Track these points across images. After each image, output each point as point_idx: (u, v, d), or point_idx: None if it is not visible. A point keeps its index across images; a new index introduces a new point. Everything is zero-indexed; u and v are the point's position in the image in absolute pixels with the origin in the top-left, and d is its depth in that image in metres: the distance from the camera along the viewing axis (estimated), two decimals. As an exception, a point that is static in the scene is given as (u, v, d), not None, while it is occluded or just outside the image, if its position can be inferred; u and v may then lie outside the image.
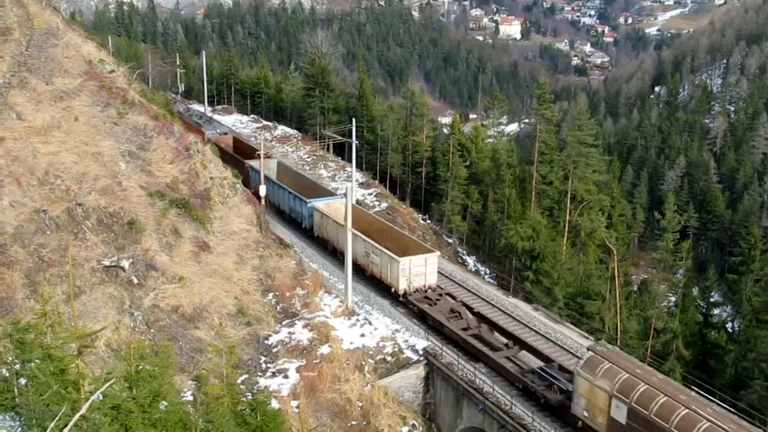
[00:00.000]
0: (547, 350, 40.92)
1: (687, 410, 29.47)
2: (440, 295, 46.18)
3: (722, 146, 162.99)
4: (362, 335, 42.36)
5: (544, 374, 37.58)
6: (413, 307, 45.65)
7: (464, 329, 42.58)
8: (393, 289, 46.79)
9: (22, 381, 12.90)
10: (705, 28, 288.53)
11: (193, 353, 35.03)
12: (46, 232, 34.94)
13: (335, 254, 52.84)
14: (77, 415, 10.17)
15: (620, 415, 31.77)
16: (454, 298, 46.39)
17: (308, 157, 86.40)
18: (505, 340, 41.80)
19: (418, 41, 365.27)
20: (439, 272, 48.39)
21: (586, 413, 33.62)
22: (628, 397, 31.49)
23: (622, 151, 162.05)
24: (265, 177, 54.51)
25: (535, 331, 44.28)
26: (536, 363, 39.17)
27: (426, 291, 46.10)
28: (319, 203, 55.67)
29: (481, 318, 44.13)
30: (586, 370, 33.64)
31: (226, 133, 79.62)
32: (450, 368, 39.99)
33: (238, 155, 68.03)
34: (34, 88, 43.55)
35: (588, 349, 35.54)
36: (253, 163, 61.31)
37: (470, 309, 45.10)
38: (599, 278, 58.28)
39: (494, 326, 43.41)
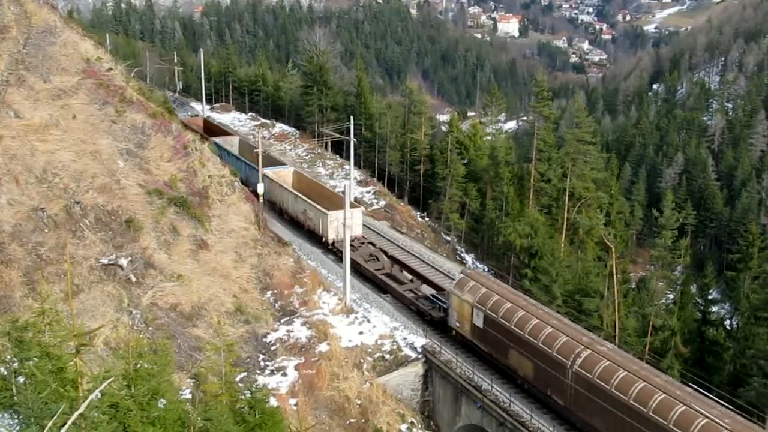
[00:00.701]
0: (442, 283, 48.51)
1: (525, 312, 37.76)
2: (362, 243, 53.24)
3: (720, 143, 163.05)
4: (361, 333, 42.38)
5: (433, 299, 46.09)
6: (338, 252, 50.80)
7: (378, 269, 50.37)
8: (324, 239, 53.90)
9: (21, 379, 12.89)
10: (703, 26, 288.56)
11: (192, 351, 35.02)
12: (44, 230, 34.91)
13: (281, 214, 59.54)
14: (76, 414, 10.16)
15: (479, 321, 39.87)
16: (374, 245, 53.90)
17: (306, 155, 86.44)
18: (411, 277, 50.81)
19: (416, 39, 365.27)
20: (366, 226, 57.68)
21: (457, 323, 41.90)
22: (485, 306, 39.41)
23: (620, 148, 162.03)
24: (227, 151, 65.38)
25: (438, 270, 52.03)
26: (432, 292, 47.58)
27: (352, 240, 49.62)
28: (269, 171, 61.86)
29: (394, 261, 52.53)
30: (456, 289, 41.88)
31: (197, 115, 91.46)
32: (449, 366, 40.01)
33: (206, 134, 72.70)
34: (31, 86, 43.49)
35: (460, 273, 44.91)
36: (217, 139, 69.30)
37: (386, 253, 53.11)
38: (597, 276, 58.27)
39: (404, 267, 52.25)
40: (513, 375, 38.20)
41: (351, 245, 46.60)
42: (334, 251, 53.58)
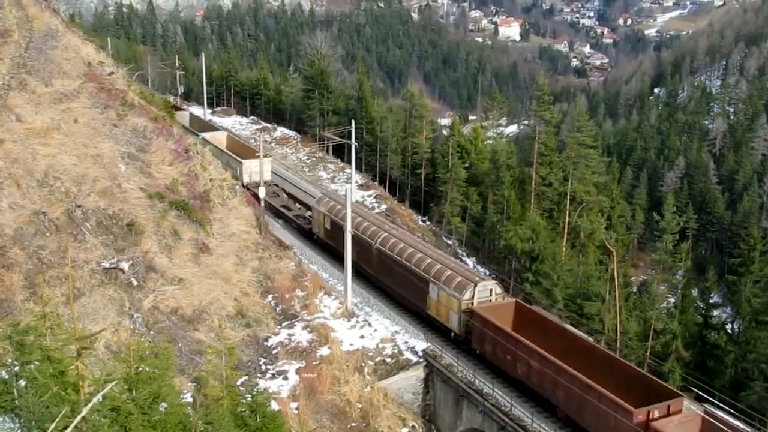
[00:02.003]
0: None
1: (353, 214, 47.27)
2: (269, 185, 64.21)
3: (721, 147, 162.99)
4: (362, 337, 42.37)
5: (309, 218, 59.21)
6: (250, 191, 58.68)
7: (279, 203, 63.95)
8: (240, 182, 59.83)
9: (22, 383, 12.89)
10: (704, 30, 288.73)
11: (193, 355, 35.02)
12: (45, 233, 34.93)
13: None
14: (78, 418, 10.17)
15: (329, 224, 54.34)
16: (278, 186, 68.07)
17: (308, 159, 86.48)
18: (300, 207, 64.52)
19: (418, 43, 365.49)
20: (277, 174, 72.03)
21: (316, 229, 56.57)
22: (332, 213, 53.66)
23: (622, 152, 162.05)
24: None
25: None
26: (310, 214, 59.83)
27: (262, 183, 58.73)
28: (207, 134, 73.21)
29: (290, 196, 67.16)
30: (316, 204, 56.99)
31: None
32: (450, 370, 40.01)
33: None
34: (33, 89, 43.53)
35: (320, 193, 62.07)
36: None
37: (285, 191, 67.79)
38: (599, 279, 58.31)
39: (296, 200, 66.66)
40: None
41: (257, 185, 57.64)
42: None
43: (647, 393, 32.86)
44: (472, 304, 41.67)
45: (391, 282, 48.16)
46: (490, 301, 42.54)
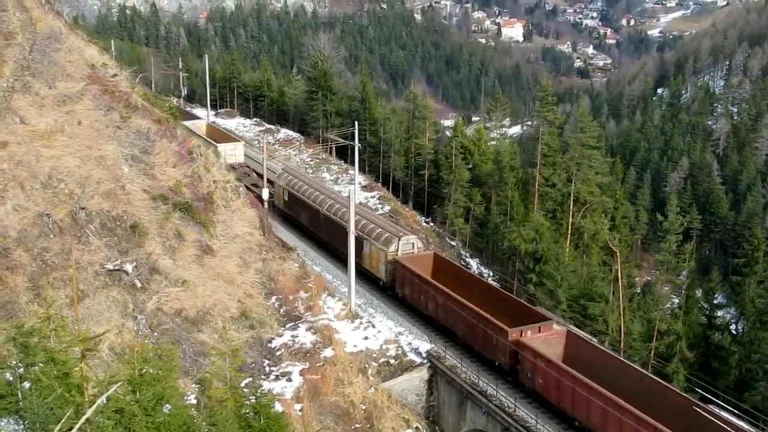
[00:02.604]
0: None
1: (306, 186, 59.92)
2: (242, 165, 69.87)
3: (725, 148, 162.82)
4: (365, 338, 42.36)
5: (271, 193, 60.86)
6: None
7: (250, 181, 66.16)
8: None
9: (26, 384, 12.91)
10: (707, 30, 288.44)
11: (197, 356, 35.04)
12: (49, 235, 34.98)
13: None
14: (82, 419, 10.19)
15: (287, 196, 62.04)
16: (249, 167, 71.69)
17: (311, 161, 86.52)
18: (267, 184, 62.80)
19: (421, 44, 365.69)
20: (250, 158, 75.29)
21: (277, 201, 62.50)
22: (290, 186, 61.60)
23: (625, 153, 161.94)
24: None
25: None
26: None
27: (235, 165, 67.50)
28: (188, 123, 73.48)
29: (259, 175, 67.64)
30: (277, 179, 64.20)
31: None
32: (453, 371, 40.00)
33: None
34: (37, 92, 43.61)
35: (281, 169, 69.36)
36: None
37: (255, 171, 70.87)
38: (602, 280, 58.27)
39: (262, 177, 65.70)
40: (300, 226, 59.90)
41: (233, 167, 62.93)
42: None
43: (525, 318, 40.87)
44: (397, 255, 48.75)
45: (337, 243, 53.53)
46: (413, 253, 49.56)
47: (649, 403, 33.20)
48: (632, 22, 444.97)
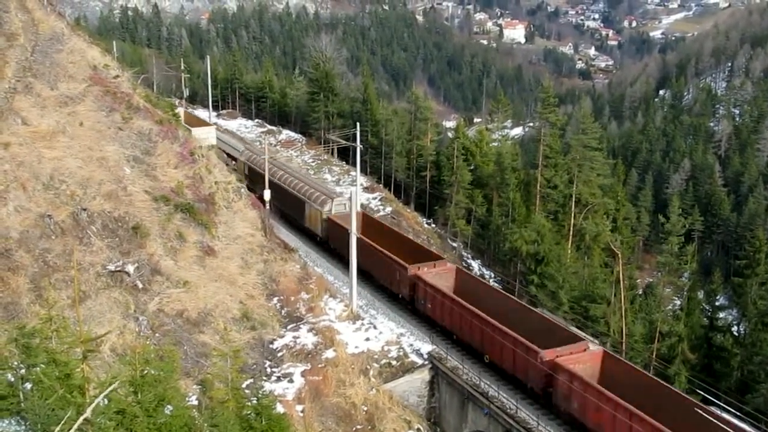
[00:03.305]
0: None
1: (263, 160, 62.22)
2: (213, 147, 67.80)
3: (727, 149, 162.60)
4: (367, 339, 42.34)
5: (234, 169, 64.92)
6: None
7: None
8: None
9: (28, 385, 12.92)
10: (709, 31, 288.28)
11: (198, 358, 35.04)
12: (51, 236, 35.00)
13: None
14: (80, 419, 10.18)
15: (247, 170, 68.87)
16: (220, 149, 69.67)
17: (313, 162, 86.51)
18: (233, 162, 70.10)
19: (422, 45, 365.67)
20: (222, 141, 77.03)
21: (240, 176, 61.63)
22: (250, 162, 69.76)
23: (627, 154, 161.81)
24: None
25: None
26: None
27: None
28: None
29: (229, 156, 71.35)
30: (239, 155, 73.20)
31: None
32: (455, 372, 39.98)
33: None
34: (39, 93, 43.64)
35: (244, 147, 77.67)
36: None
37: (225, 152, 70.54)
38: (604, 282, 58.21)
39: (232, 157, 72.32)
40: (260, 198, 59.01)
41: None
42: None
43: (419, 257, 48.50)
44: (330, 213, 56.53)
45: (288, 209, 62.26)
46: (345, 212, 54.80)
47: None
48: (634, 24, 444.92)
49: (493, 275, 71.00)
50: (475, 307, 41.76)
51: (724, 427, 31.04)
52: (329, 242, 56.61)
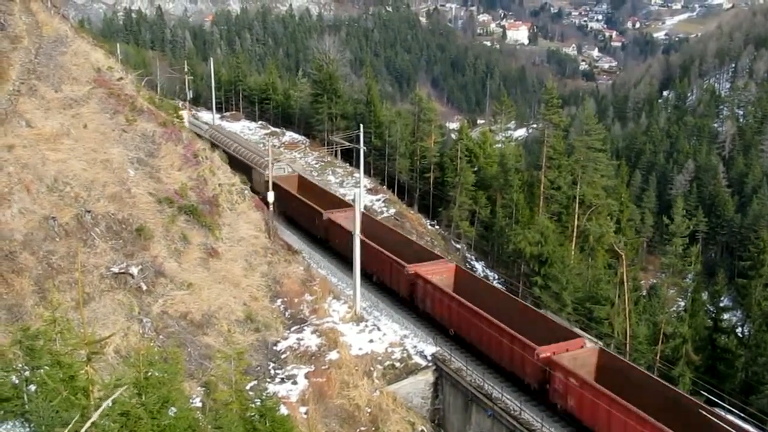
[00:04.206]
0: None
1: (229, 140, 77.31)
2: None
3: (731, 150, 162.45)
4: (371, 341, 42.34)
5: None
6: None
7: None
8: None
9: (32, 387, 12.93)
10: (713, 32, 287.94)
11: (202, 359, 35.06)
12: (55, 238, 35.05)
13: None
14: (88, 423, 10.20)
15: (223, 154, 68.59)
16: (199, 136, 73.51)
17: (316, 163, 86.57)
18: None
19: (426, 47, 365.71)
20: (193, 125, 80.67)
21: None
22: (212, 138, 75.00)
23: (631, 155, 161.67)
24: None
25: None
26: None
27: None
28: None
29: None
30: (204, 134, 74.56)
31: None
32: (459, 374, 39.95)
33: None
34: (43, 95, 43.73)
35: (209, 128, 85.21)
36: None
37: (197, 134, 70.35)
38: (608, 283, 58.13)
39: (198, 137, 72.31)
40: None
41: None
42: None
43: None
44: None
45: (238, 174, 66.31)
46: (284, 175, 66.68)
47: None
48: (637, 25, 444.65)
49: (496, 276, 70.96)
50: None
51: (728, 428, 31.06)
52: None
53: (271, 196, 53.26)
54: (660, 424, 31.24)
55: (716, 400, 37.80)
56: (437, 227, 78.21)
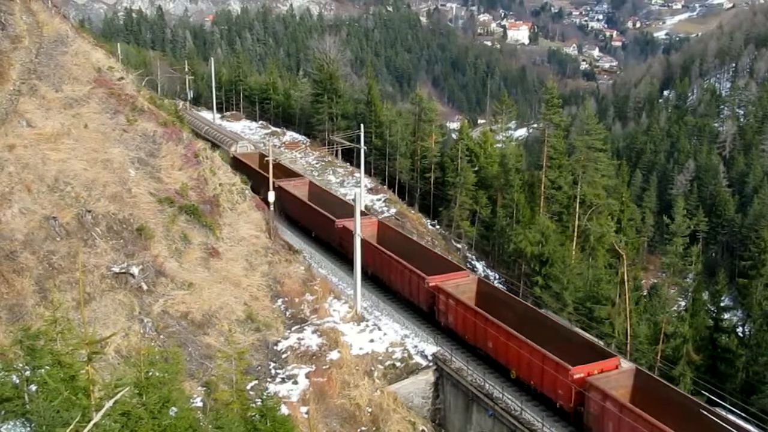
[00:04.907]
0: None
1: (207, 127, 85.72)
2: None
3: (731, 150, 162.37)
4: (371, 341, 42.31)
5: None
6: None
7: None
8: None
9: (33, 387, 12.94)
10: (713, 32, 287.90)
11: (203, 359, 35.06)
12: (56, 238, 35.06)
13: None
14: (90, 425, 10.20)
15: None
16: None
17: (317, 163, 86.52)
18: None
19: (426, 47, 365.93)
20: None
21: None
22: (196, 127, 77.32)
23: (631, 155, 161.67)
24: None
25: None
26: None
27: None
28: None
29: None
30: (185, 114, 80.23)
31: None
32: (459, 374, 39.93)
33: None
34: (43, 95, 43.74)
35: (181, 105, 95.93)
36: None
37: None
38: (609, 283, 58.08)
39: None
40: None
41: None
42: None
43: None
44: (236, 152, 73.52)
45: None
46: (247, 152, 75.48)
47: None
48: (638, 25, 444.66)
49: (497, 276, 70.94)
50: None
51: (730, 429, 31.00)
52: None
53: (271, 196, 53.23)
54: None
55: (717, 400, 37.76)
56: (438, 227, 78.16)
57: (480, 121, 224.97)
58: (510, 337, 39.07)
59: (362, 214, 52.49)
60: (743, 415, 36.23)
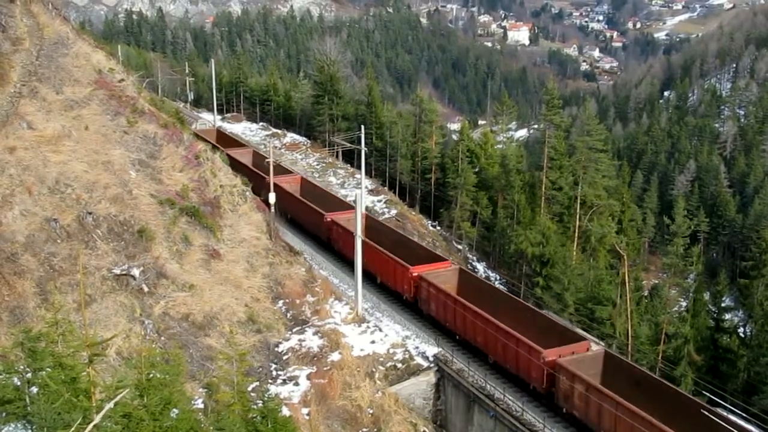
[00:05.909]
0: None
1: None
2: None
3: (732, 150, 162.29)
4: (372, 342, 42.30)
5: None
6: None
7: None
8: None
9: (34, 389, 12.95)
10: (714, 32, 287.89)
11: (204, 361, 35.06)
12: (56, 240, 35.06)
13: None
14: (90, 426, 10.19)
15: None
16: None
17: (317, 164, 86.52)
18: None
19: (427, 48, 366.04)
20: None
21: None
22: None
23: (632, 155, 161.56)
24: None
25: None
26: None
27: None
28: None
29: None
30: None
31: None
32: (461, 375, 39.91)
33: None
34: (44, 97, 43.75)
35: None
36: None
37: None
38: (610, 283, 58.06)
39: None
40: None
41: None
42: None
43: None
44: (196, 129, 76.97)
45: None
46: (206, 128, 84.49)
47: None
48: (638, 25, 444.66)
49: (498, 277, 70.93)
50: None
51: (730, 428, 31.03)
52: None
53: (272, 197, 53.24)
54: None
55: (718, 400, 37.74)
56: (438, 228, 78.14)
57: (480, 122, 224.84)
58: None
59: (287, 172, 68.21)
60: (744, 415, 36.21)
